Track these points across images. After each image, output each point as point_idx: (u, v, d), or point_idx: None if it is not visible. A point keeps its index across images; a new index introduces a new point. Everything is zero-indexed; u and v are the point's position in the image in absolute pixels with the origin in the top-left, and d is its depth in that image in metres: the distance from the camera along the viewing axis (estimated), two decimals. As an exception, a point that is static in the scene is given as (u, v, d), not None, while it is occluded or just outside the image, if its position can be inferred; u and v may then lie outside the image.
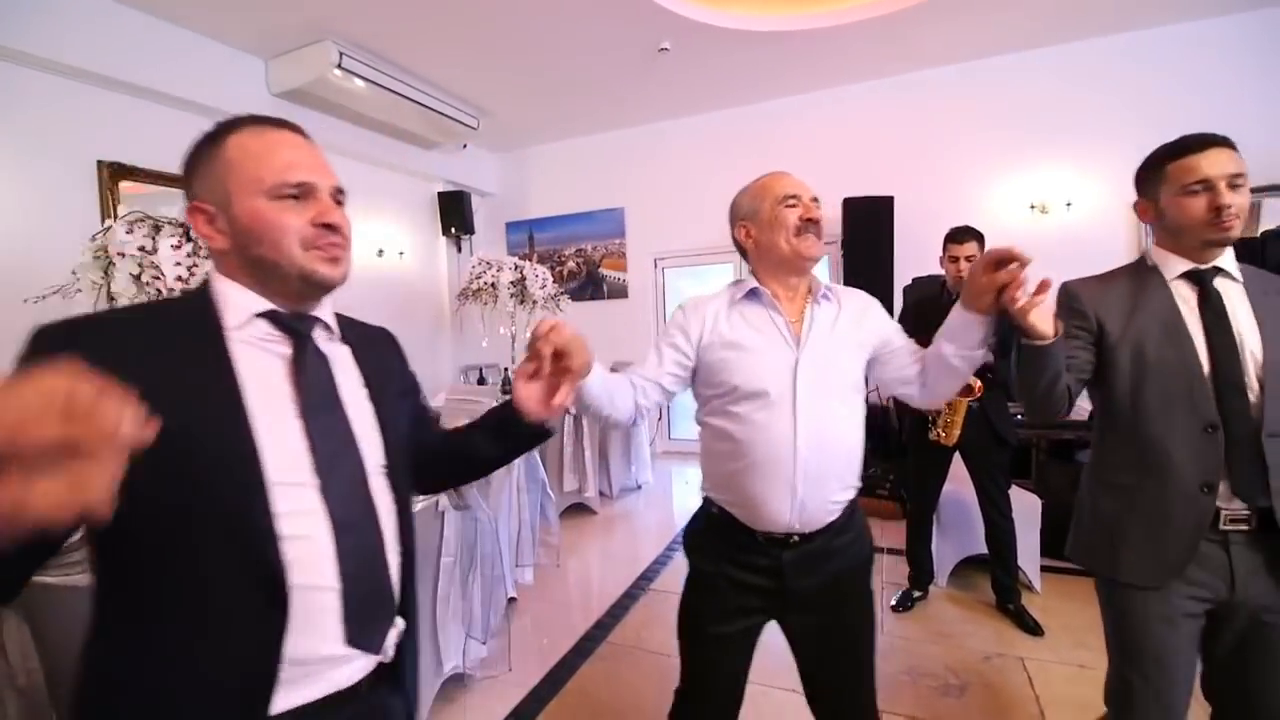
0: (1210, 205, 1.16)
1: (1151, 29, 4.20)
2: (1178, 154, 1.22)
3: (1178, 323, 1.20)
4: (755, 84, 4.98)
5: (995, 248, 1.05)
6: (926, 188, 4.79)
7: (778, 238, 1.23)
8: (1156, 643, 1.20)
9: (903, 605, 2.68)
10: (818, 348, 1.22)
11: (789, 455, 1.16)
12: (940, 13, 3.89)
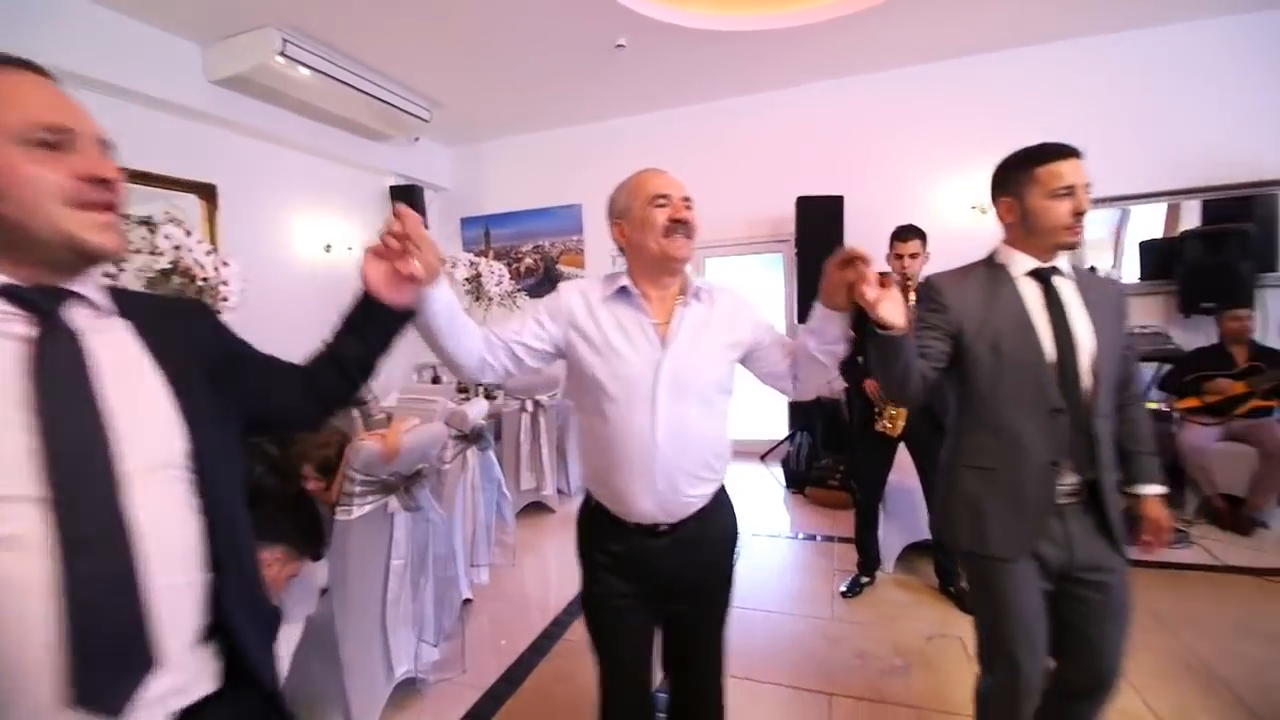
0: (1073, 210, 1.28)
1: (1085, 37, 4.43)
2: (1046, 159, 1.32)
3: (1026, 317, 1.31)
4: (711, 82, 5.02)
5: (843, 248, 1.13)
6: (875, 187, 4.94)
7: (647, 238, 1.24)
8: (1022, 607, 1.30)
9: (852, 591, 2.77)
10: (684, 349, 1.23)
11: (649, 452, 1.20)
12: (890, 18, 4.00)
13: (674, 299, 1.28)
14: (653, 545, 1.26)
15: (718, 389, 1.27)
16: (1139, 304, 4.40)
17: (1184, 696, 1.97)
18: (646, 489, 1.21)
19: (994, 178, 1.43)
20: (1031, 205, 1.32)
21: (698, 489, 1.26)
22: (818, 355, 1.25)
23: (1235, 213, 4.18)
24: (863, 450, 2.78)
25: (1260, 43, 4.12)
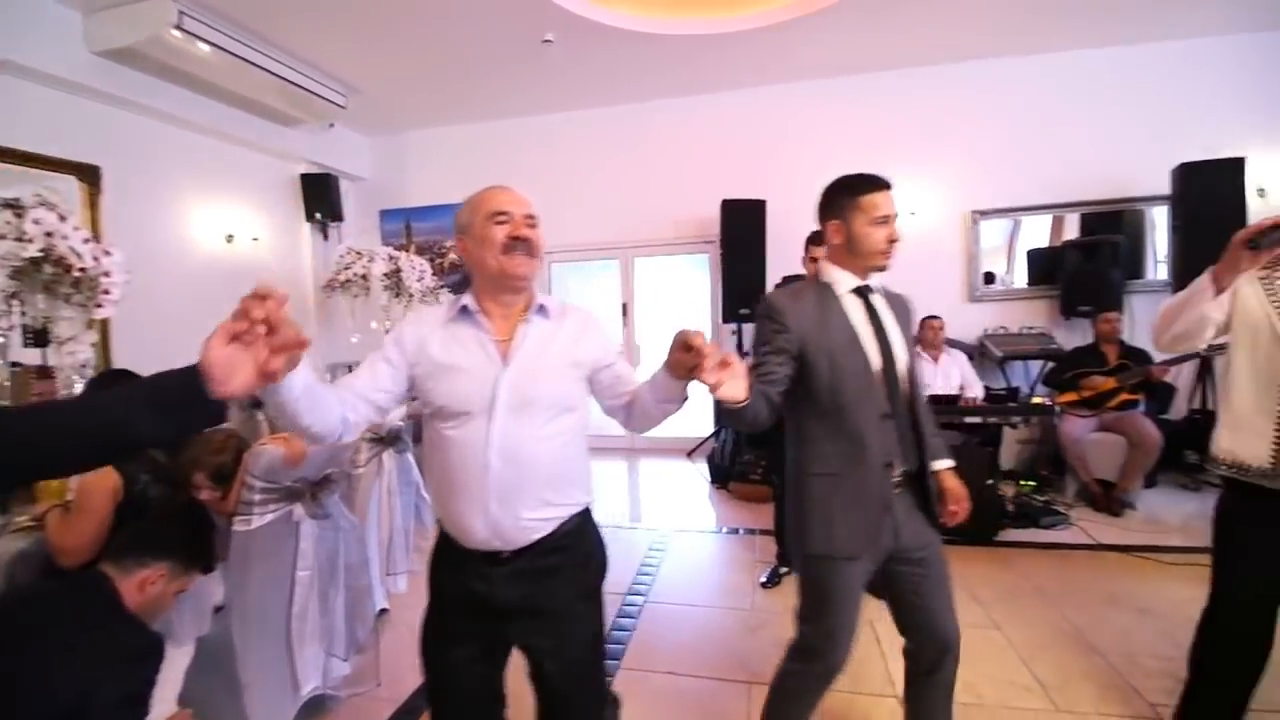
0: (888, 237, 1.42)
1: (990, 60, 4.77)
2: (868, 189, 1.44)
3: (854, 331, 1.43)
4: (641, 83, 5.06)
5: (682, 333, 1.12)
6: (795, 193, 5.06)
7: (486, 254, 1.21)
8: (852, 600, 1.43)
9: (771, 581, 2.87)
10: (525, 366, 1.20)
11: (481, 471, 1.16)
12: (811, 32, 4.17)
13: (519, 316, 1.25)
14: (493, 574, 1.19)
15: (562, 407, 1.23)
16: (1027, 307, 4.82)
17: (1065, 664, 2.16)
18: (478, 510, 1.16)
19: (823, 200, 1.53)
20: (855, 230, 1.43)
21: (538, 514, 1.19)
22: (651, 409, 1.26)
23: (1108, 226, 4.65)
24: (780, 445, 2.87)
25: (1130, 75, 4.59)
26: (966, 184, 4.91)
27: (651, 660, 2.31)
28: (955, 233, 4.96)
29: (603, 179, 5.61)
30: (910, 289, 4.98)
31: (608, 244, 5.70)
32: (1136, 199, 4.60)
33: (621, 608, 2.69)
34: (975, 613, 2.53)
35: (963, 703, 1.96)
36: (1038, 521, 3.42)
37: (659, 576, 3.01)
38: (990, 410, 3.72)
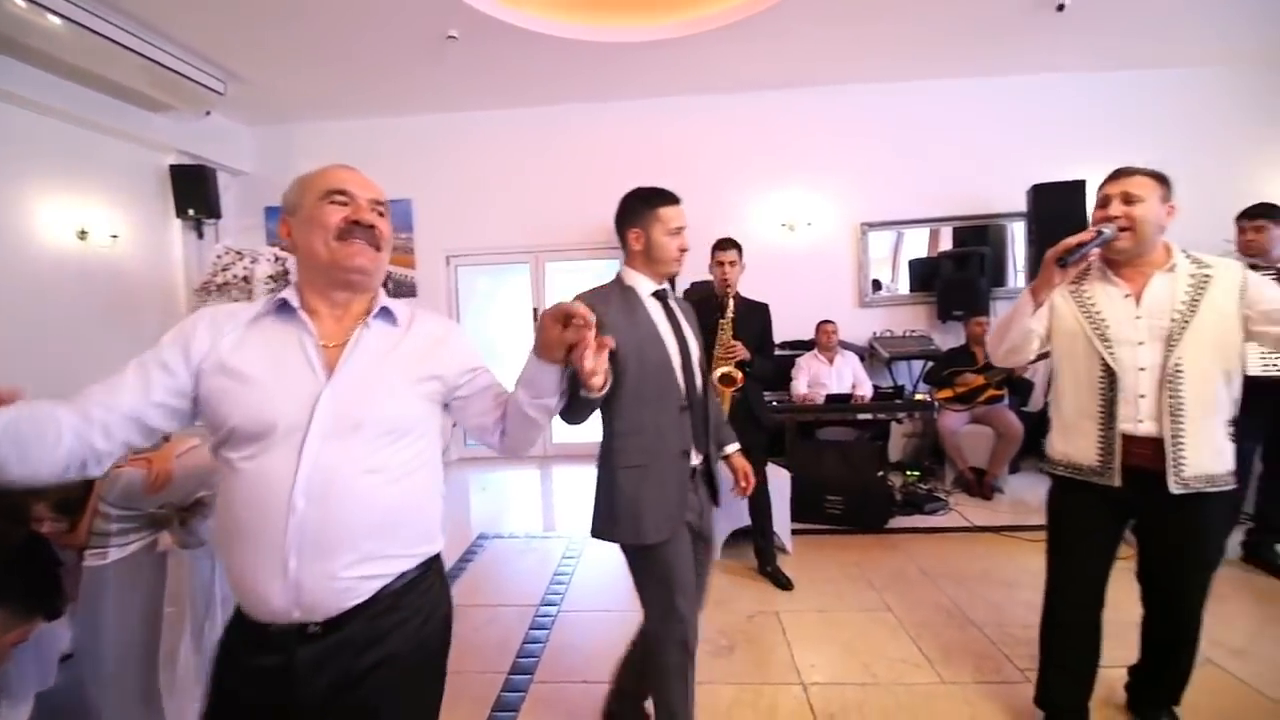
0: (680, 246, 1.57)
1: (877, 84, 5.15)
2: (666, 203, 1.56)
3: (656, 331, 1.54)
4: (551, 86, 5.01)
5: (561, 304, 1.02)
6: (699, 200, 5.23)
7: (315, 239, 0.99)
8: (683, 571, 1.53)
9: None
10: (356, 379, 0.97)
11: (280, 514, 0.89)
12: (710, 47, 4.32)
13: (355, 319, 1.04)
14: (297, 657, 0.91)
15: (399, 432, 0.99)
16: (910, 312, 5.24)
17: (947, 639, 2.36)
18: (273, 569, 0.89)
19: (622, 209, 1.62)
20: (654, 238, 1.55)
21: (364, 570, 0.94)
22: (529, 411, 1.10)
23: (977, 238, 5.16)
24: None
25: (993, 103, 5.12)
26: (856, 198, 5.28)
27: (565, 670, 2.28)
28: (847, 243, 5.31)
29: (512, 181, 5.50)
30: (808, 295, 5.30)
31: (518, 247, 5.60)
32: (999, 215, 5.13)
33: (534, 619, 2.64)
34: (870, 598, 2.71)
35: (860, 683, 2.11)
36: (922, 508, 3.73)
37: (572, 585, 2.99)
38: (878, 407, 4.00)
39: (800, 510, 3.59)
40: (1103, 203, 1.59)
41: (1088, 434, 1.60)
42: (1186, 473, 1.50)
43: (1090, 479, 1.61)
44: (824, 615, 2.57)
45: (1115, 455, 1.55)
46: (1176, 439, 1.50)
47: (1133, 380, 1.54)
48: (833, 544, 3.36)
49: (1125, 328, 1.55)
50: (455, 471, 5.28)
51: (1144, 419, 1.53)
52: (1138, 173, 1.57)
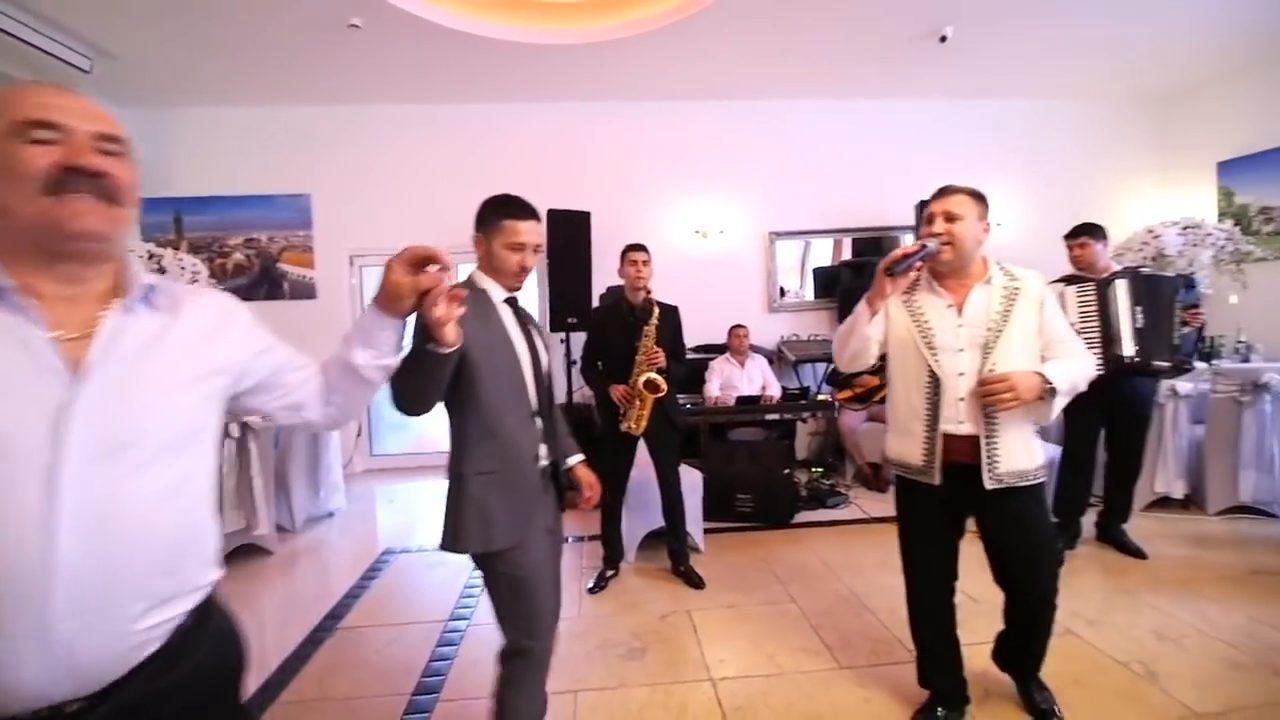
0: (520, 263, 1.52)
1: (778, 99, 5.39)
2: (512, 215, 1.51)
3: (509, 336, 1.52)
4: (464, 83, 4.86)
5: (418, 246, 0.95)
6: (619, 206, 5.32)
7: (11, 194, 0.72)
8: (540, 572, 1.52)
9: (598, 586, 2.92)
10: (117, 381, 0.75)
11: (38, 567, 0.67)
12: (627, 53, 4.36)
13: (99, 302, 0.78)
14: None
15: (184, 445, 0.82)
16: (815, 317, 5.52)
17: (846, 626, 2.50)
18: (27, 638, 0.67)
19: (479, 210, 1.58)
20: (493, 248, 1.52)
21: (157, 617, 0.77)
22: (368, 373, 0.99)
23: (873, 249, 5.52)
24: (610, 450, 2.93)
25: (888, 124, 5.51)
26: (765, 208, 5.50)
27: (473, 687, 2.20)
28: (756, 251, 5.52)
29: (423, 179, 5.29)
30: (720, 300, 5.43)
31: (427, 249, 5.39)
32: (893, 227, 5.52)
33: (442, 636, 2.53)
34: (776, 591, 2.82)
35: (765, 674, 2.18)
36: (825, 502, 3.93)
37: (483, 597, 2.89)
38: (784, 408, 4.19)
39: (712, 509, 3.68)
40: (929, 219, 1.70)
41: (916, 435, 1.72)
42: (1000, 469, 1.63)
43: (918, 478, 1.73)
44: (733, 610, 2.65)
45: (937, 455, 1.67)
46: (990, 439, 1.63)
47: (954, 384, 1.65)
48: (743, 540, 3.47)
49: (948, 336, 1.67)
50: (360, 483, 4.99)
51: (964, 420, 1.65)
52: (959, 191, 1.69)
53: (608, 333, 2.92)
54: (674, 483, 2.98)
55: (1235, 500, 3.51)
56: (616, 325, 2.88)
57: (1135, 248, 4.30)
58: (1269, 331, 4.64)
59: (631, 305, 2.89)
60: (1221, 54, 4.84)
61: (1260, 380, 3.41)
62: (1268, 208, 4.97)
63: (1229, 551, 3.07)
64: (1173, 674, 2.07)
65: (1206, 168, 5.42)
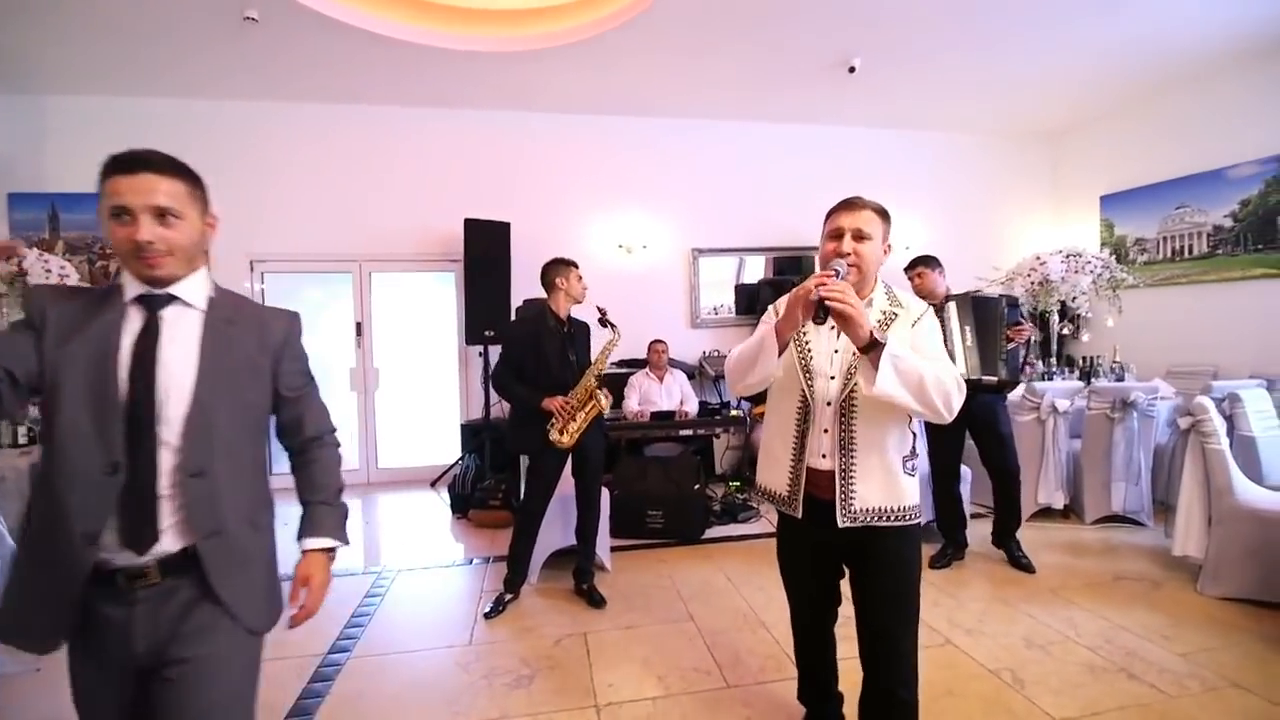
0: (130, 237, 1.01)
1: (702, 120, 5.49)
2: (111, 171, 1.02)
3: (108, 349, 1.03)
4: (374, 84, 4.70)
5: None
6: (541, 218, 5.26)
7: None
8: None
9: (495, 610, 2.80)
10: None
11: None
12: (547, 65, 4.34)
13: None
14: None
15: None
16: (736, 333, 5.60)
17: (739, 644, 2.49)
18: None
19: None
20: (101, 220, 1.05)
21: None
22: None
23: (792, 268, 5.68)
24: (541, 465, 2.83)
25: (804, 147, 5.70)
26: (689, 225, 5.57)
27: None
28: (680, 267, 5.58)
29: (333, 182, 5.07)
30: (643, 314, 5.44)
31: (339, 255, 5.15)
32: (811, 247, 5.68)
33: (317, 671, 2.35)
34: (676, 609, 2.79)
35: (652, 697, 2.14)
36: (736, 516, 3.96)
37: (373, 624, 2.73)
38: (698, 423, 4.22)
39: (623, 526, 3.65)
40: (836, 234, 1.52)
41: (783, 463, 1.59)
42: (855, 506, 1.49)
43: (783, 509, 1.62)
44: (631, 632, 2.60)
45: (800, 487, 1.56)
46: (846, 473, 1.50)
47: (820, 413, 1.53)
48: (651, 558, 3.43)
49: (823, 360, 1.54)
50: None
51: (826, 453, 1.52)
52: (867, 207, 1.53)
53: (539, 345, 2.81)
54: (597, 498, 2.95)
55: (1108, 510, 3.77)
56: (546, 337, 2.81)
57: (1024, 273, 4.59)
58: (1141, 353, 5.05)
59: (560, 318, 2.83)
60: (1101, 98, 5.29)
61: (1129, 398, 3.68)
62: (1141, 239, 5.45)
63: (1099, 559, 3.27)
64: (1038, 681, 2.16)
65: (1091, 201, 5.89)
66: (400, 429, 5.37)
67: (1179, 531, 2.92)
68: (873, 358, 1.33)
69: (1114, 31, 4.10)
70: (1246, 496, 2.72)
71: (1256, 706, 1.97)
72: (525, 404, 2.80)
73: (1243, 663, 2.21)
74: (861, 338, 1.32)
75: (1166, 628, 2.50)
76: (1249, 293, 4.63)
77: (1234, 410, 3.20)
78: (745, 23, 3.90)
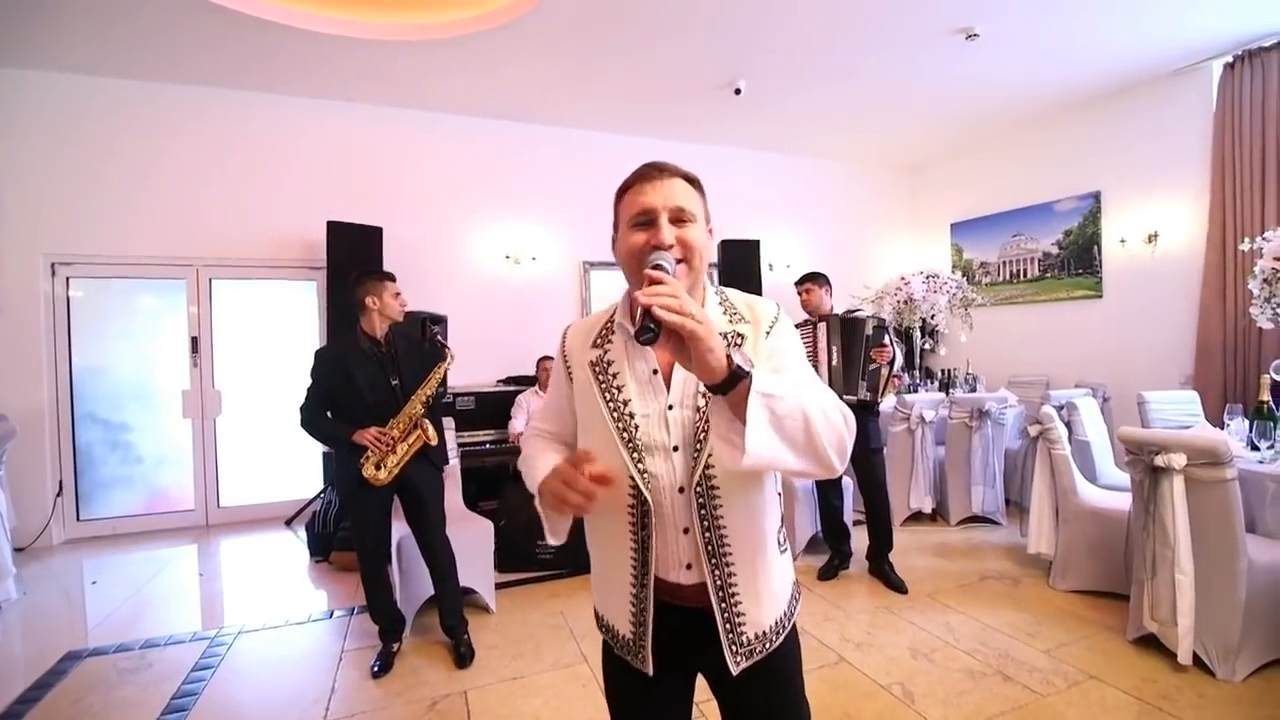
0: None
1: (594, 130, 5.38)
2: None
3: None
4: (218, 64, 4.09)
5: None
6: (419, 224, 4.86)
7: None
8: None
9: (383, 667, 2.42)
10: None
11: None
12: (422, 59, 4.00)
13: None
14: None
15: None
16: (629, 348, 5.52)
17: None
18: None
19: None
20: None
21: None
22: None
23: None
24: (359, 508, 2.45)
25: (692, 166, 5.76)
26: (579, 237, 5.41)
27: None
28: (571, 280, 5.40)
29: (160, 174, 4.35)
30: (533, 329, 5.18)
31: (169, 258, 4.42)
32: (700, 263, 5.76)
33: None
34: (569, 651, 2.57)
35: (542, 762, 1.90)
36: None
37: (197, 709, 2.25)
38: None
39: (510, 560, 3.38)
40: (644, 218, 0.95)
41: (620, 589, 1.01)
42: (747, 636, 0.98)
43: (625, 656, 1.03)
44: (518, 684, 2.34)
45: (648, 627, 0.98)
46: (727, 592, 0.96)
47: (672, 508, 0.96)
48: (543, 592, 3.19)
49: (654, 427, 0.95)
50: (62, 559, 3.84)
51: (691, 562, 0.97)
52: (679, 174, 0.99)
53: (346, 371, 2.40)
54: (439, 542, 2.54)
55: (970, 511, 4.08)
56: (356, 362, 2.41)
57: (891, 292, 4.93)
58: (988, 364, 5.61)
59: (375, 339, 2.46)
60: (953, 136, 5.86)
61: (984, 408, 4.02)
62: (985, 263, 6.07)
63: (966, 560, 3.50)
64: (926, 693, 2.20)
65: (943, 227, 6.50)
66: (248, 460, 4.68)
67: (1032, 531, 3.18)
68: (731, 399, 0.78)
69: (964, 79, 4.53)
70: (1086, 496, 3.01)
71: (1112, 696, 2.13)
72: (332, 439, 2.44)
73: (1095, 655, 2.41)
74: (715, 368, 0.76)
75: (1030, 624, 2.68)
76: (1073, 311, 5.30)
77: (1072, 417, 3.57)
78: (635, 35, 3.84)
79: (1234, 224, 4.14)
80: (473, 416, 4.48)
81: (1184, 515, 2.25)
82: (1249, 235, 3.43)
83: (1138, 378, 4.62)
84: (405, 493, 2.49)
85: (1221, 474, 2.19)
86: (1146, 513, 2.37)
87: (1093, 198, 5.08)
